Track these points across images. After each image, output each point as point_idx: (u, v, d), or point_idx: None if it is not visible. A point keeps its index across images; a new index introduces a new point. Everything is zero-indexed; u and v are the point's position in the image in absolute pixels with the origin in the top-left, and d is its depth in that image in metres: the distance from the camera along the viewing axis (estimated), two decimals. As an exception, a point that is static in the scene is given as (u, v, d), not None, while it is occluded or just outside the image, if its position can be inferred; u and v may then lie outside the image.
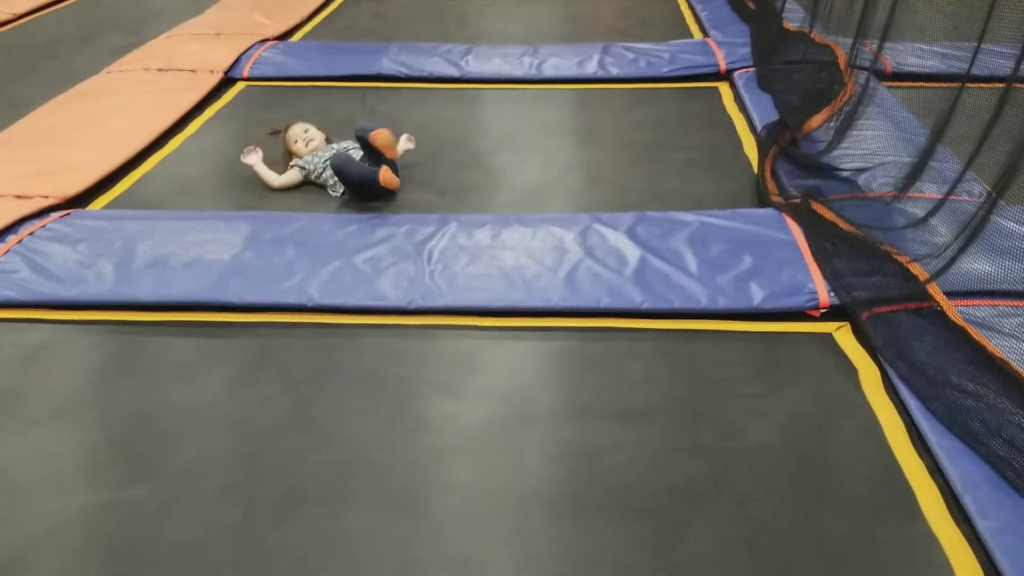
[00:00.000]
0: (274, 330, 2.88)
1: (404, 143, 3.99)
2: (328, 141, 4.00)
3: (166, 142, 4.33)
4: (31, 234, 3.32)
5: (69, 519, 2.14)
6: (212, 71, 5.10)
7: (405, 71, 5.11)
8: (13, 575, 1.98)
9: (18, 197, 3.60)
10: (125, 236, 3.29)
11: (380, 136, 3.58)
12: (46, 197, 3.59)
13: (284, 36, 5.98)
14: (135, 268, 3.10)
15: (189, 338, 2.85)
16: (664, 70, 5.11)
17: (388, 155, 3.64)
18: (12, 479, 2.28)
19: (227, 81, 5.10)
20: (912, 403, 2.40)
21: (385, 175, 3.56)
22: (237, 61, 5.27)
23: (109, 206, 3.73)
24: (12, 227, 3.35)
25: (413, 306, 2.93)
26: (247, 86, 5.09)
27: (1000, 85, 2.60)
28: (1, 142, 4.25)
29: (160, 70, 5.13)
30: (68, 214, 3.50)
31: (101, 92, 4.85)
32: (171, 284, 3.02)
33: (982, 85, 2.91)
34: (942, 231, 3.02)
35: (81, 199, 3.72)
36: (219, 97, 4.92)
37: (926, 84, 4.72)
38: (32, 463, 2.33)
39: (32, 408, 2.53)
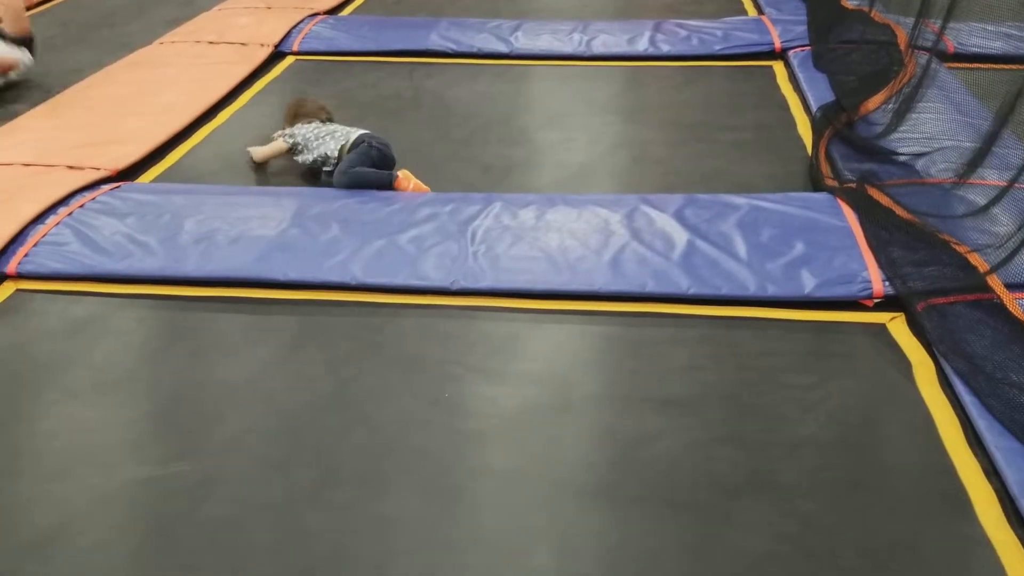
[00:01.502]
0: (317, 308, 2.88)
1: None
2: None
3: (215, 115, 4.36)
4: (82, 206, 3.35)
5: (109, 493, 2.17)
6: (262, 44, 5.11)
7: (454, 47, 5.07)
8: (53, 547, 2.01)
9: (70, 168, 3.64)
10: (173, 210, 3.31)
11: (404, 184, 3.51)
12: (98, 169, 3.63)
13: (334, 10, 5.97)
14: (182, 243, 3.12)
15: (233, 314, 2.86)
16: (717, 48, 5.00)
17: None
18: (55, 451, 2.31)
19: (276, 55, 5.11)
20: (968, 399, 2.32)
21: (404, 184, 3.51)
22: (287, 35, 5.28)
23: (159, 179, 3.76)
24: (64, 199, 3.39)
25: (456, 287, 2.90)
26: (296, 60, 5.09)
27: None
28: (56, 108, 4.32)
29: (211, 43, 5.16)
30: (118, 187, 3.54)
31: (153, 63, 4.89)
32: (217, 260, 3.03)
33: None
34: (1004, 220, 2.91)
35: (131, 171, 3.75)
36: (268, 71, 4.94)
37: (990, 66, 4.55)
38: (75, 436, 2.36)
39: (77, 381, 2.57)
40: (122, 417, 2.43)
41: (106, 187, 3.53)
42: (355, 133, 3.65)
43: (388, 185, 3.50)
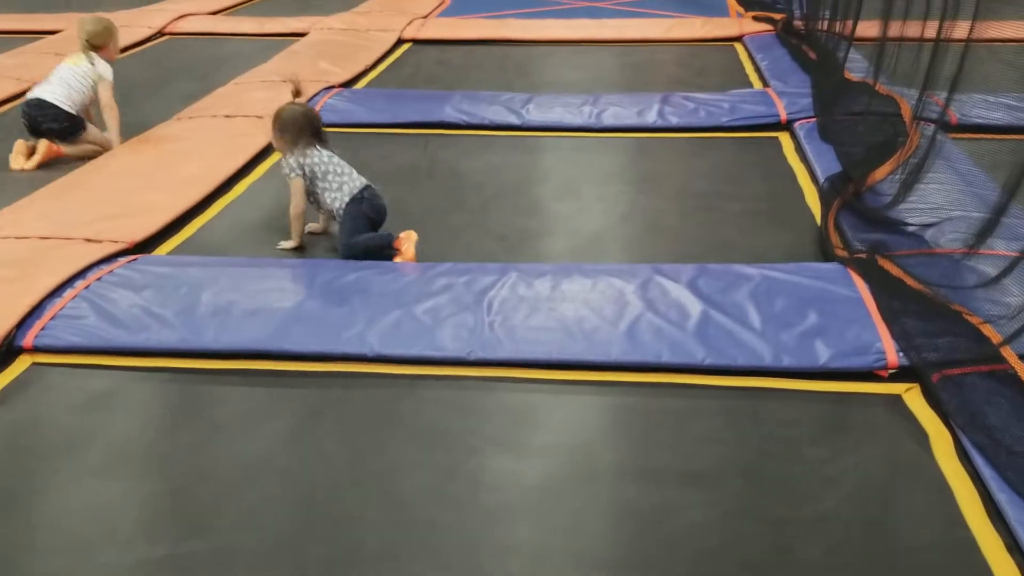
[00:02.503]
0: (334, 380, 2.89)
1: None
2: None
3: (232, 187, 4.43)
4: (99, 279, 3.39)
5: (124, 572, 2.15)
6: (278, 118, 5.20)
7: (467, 119, 5.17)
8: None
9: (88, 241, 3.69)
10: (190, 283, 3.35)
11: (407, 254, 3.53)
12: (115, 242, 3.68)
13: (349, 83, 6.11)
14: (199, 316, 3.15)
15: (250, 387, 2.88)
16: (724, 120, 5.10)
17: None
18: (69, 528, 2.29)
19: (292, 128, 5.20)
20: (988, 473, 2.31)
21: (406, 253, 3.54)
22: (302, 108, 5.37)
23: (175, 251, 3.81)
24: (82, 272, 3.43)
25: (472, 357, 2.92)
26: (311, 133, 5.18)
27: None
28: (74, 183, 4.39)
29: (228, 116, 5.27)
30: (135, 259, 3.58)
31: (171, 138, 4.99)
32: (234, 332, 3.06)
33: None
34: (1015, 291, 2.92)
35: (148, 243, 3.80)
36: (283, 144, 5.02)
37: (993, 136, 4.63)
38: (90, 513, 2.34)
39: (93, 457, 2.56)
40: (138, 493, 2.42)
41: (123, 260, 3.57)
42: (355, 185, 3.66)
43: (390, 245, 3.55)
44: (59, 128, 4.78)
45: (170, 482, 2.47)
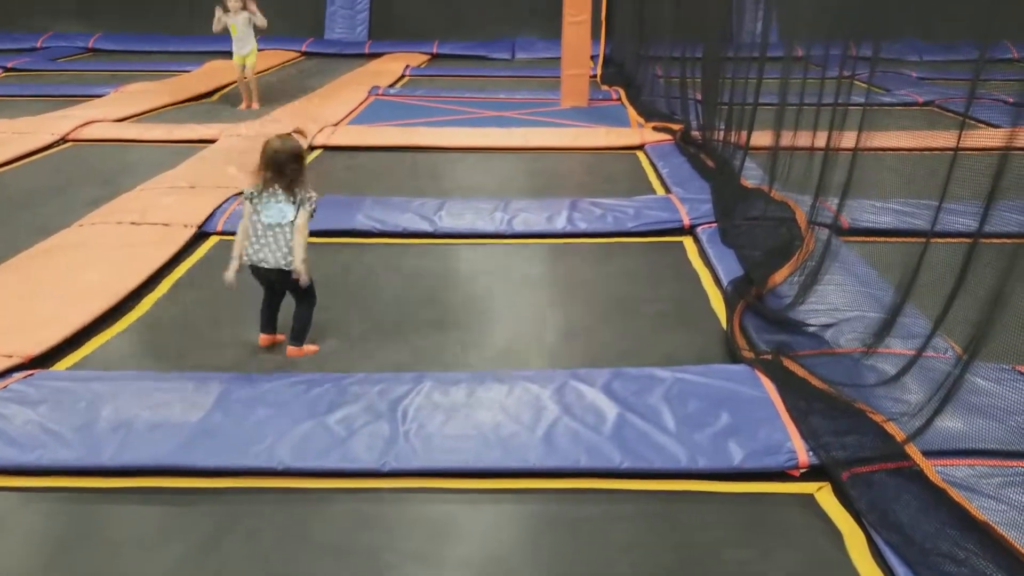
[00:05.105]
0: (242, 496, 2.78)
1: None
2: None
3: (138, 299, 4.29)
4: (-9, 395, 3.22)
5: None
6: (185, 225, 5.13)
7: (379, 226, 5.19)
8: None
9: (-20, 355, 3.51)
10: (90, 397, 3.21)
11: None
12: (9, 356, 3.51)
13: (257, 190, 6.06)
14: (98, 431, 3.00)
15: (152, 505, 2.74)
16: (630, 225, 5.25)
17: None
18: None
19: (200, 235, 5.13)
20: (902, 571, 2.35)
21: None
22: (211, 215, 5.32)
23: (76, 365, 3.65)
24: (-28, 387, 3.25)
25: (387, 468, 2.85)
26: (220, 240, 5.11)
27: (962, 240, 2.67)
28: (-34, 295, 4.19)
29: (133, 223, 5.15)
30: (32, 374, 3.42)
31: (72, 246, 4.84)
32: (135, 448, 2.92)
33: (947, 240, 2.99)
34: (914, 388, 3.05)
35: (46, 358, 3.64)
36: (192, 252, 4.93)
37: (883, 239, 4.89)
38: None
39: (-20, 586, 2.39)
40: (28, 626, 2.26)
41: (18, 375, 3.40)
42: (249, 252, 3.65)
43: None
44: None
45: (62, 614, 2.31)
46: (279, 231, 3.57)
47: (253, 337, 3.80)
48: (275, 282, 3.69)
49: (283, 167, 3.55)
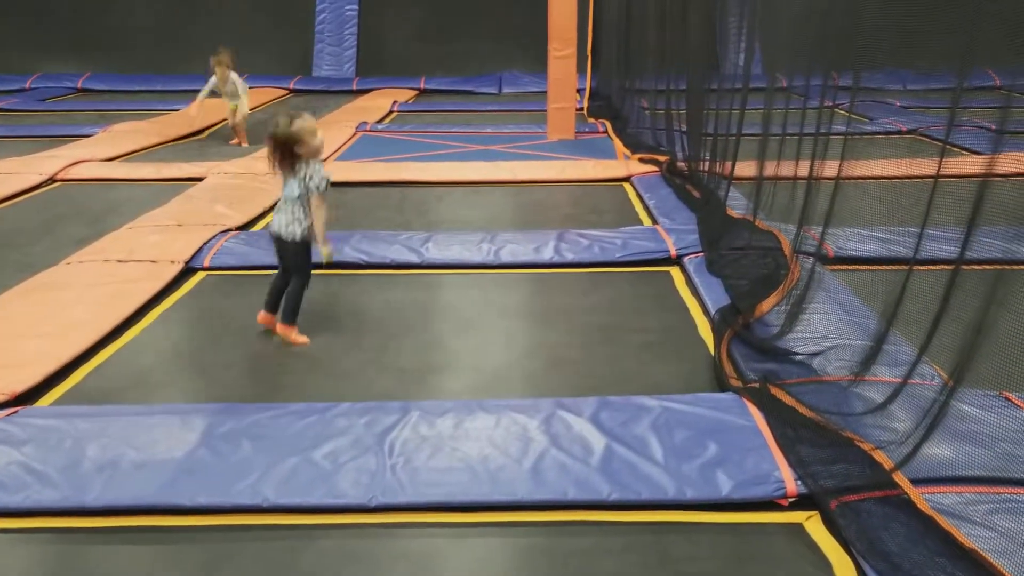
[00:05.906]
0: (228, 534, 2.75)
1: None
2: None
3: (122, 333, 4.28)
4: (-26, 435, 3.19)
5: None
6: (172, 261, 5.13)
7: (367, 259, 5.20)
8: None
9: (-38, 395, 3.49)
10: (75, 435, 3.18)
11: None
12: (-6, 394, 3.49)
13: (245, 226, 6.09)
14: (83, 471, 2.98)
15: (138, 545, 2.71)
16: (617, 255, 5.27)
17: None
18: None
19: (187, 271, 5.13)
20: (891, 599, 2.34)
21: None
22: (198, 251, 5.32)
23: (60, 400, 3.63)
24: (-45, 427, 3.22)
25: (374, 503, 2.83)
26: (207, 275, 5.11)
27: (945, 267, 2.68)
28: (-50, 336, 4.17)
29: (120, 261, 5.15)
30: (16, 412, 3.39)
31: (58, 284, 4.83)
32: (120, 488, 2.90)
33: (929, 267, 3.02)
34: (902, 416, 3.05)
35: (31, 395, 3.61)
36: (178, 287, 4.93)
37: (867, 267, 4.92)
38: None
39: (-39, 630, 2.35)
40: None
41: (2, 413, 3.38)
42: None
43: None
44: None
45: (44, 657, 2.27)
46: (286, 204, 4.03)
47: (239, 368, 3.79)
48: (279, 250, 4.12)
49: (281, 148, 3.95)
